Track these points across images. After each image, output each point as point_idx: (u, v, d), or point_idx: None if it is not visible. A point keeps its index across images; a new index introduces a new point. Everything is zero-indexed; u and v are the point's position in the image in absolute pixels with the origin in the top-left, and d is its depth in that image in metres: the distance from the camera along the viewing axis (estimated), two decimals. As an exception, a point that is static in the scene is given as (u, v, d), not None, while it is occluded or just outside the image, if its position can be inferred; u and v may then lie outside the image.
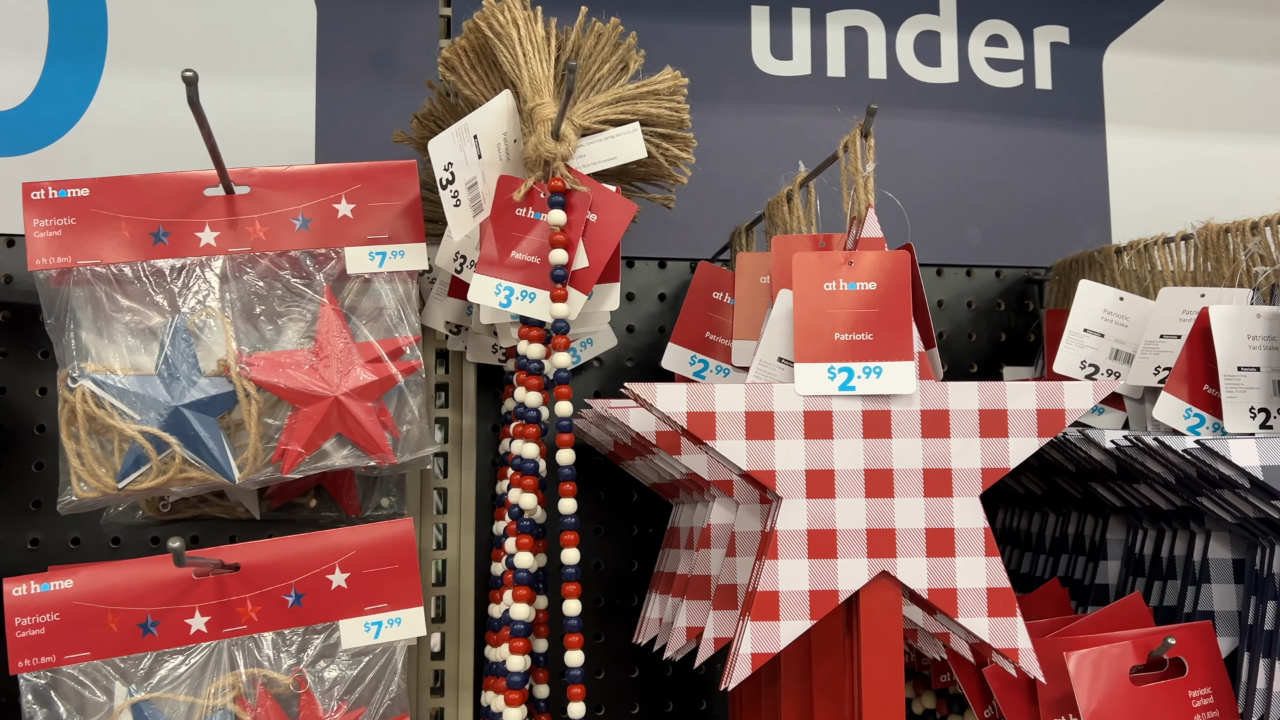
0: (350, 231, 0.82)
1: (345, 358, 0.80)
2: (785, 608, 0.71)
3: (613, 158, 0.81)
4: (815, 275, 0.74)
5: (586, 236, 0.79)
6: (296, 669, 0.78)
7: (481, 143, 0.78)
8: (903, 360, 0.73)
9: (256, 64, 1.05)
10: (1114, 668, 0.75)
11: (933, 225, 1.18)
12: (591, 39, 0.83)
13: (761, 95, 1.15)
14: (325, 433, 0.80)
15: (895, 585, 0.72)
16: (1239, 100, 1.26)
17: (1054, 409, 0.73)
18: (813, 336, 0.73)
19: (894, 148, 1.17)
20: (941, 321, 1.17)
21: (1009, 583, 0.72)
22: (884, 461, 0.72)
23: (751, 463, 0.72)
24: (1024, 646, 0.71)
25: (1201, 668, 0.77)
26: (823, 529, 0.72)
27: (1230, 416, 0.82)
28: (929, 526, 0.72)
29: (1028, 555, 1.07)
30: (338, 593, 0.80)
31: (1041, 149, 1.21)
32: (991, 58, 1.20)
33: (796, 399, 0.73)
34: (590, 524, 1.07)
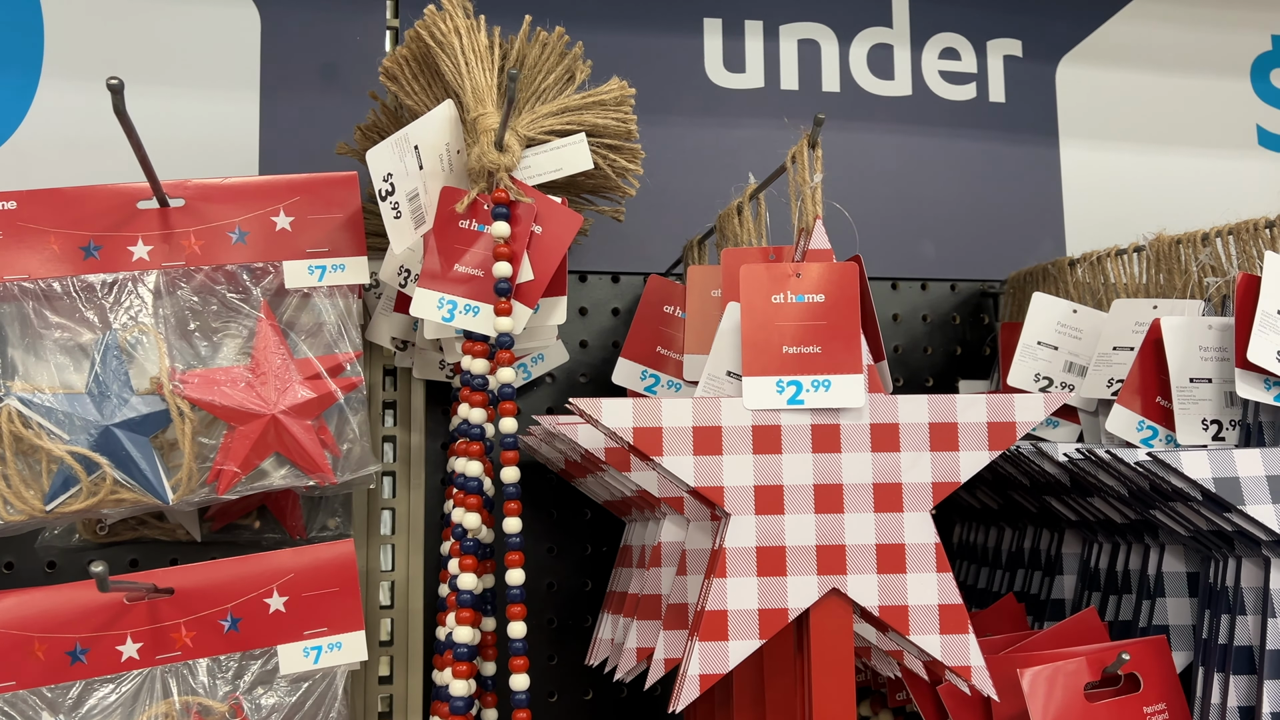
0: (289, 245, 0.80)
1: (283, 375, 0.78)
2: (734, 627, 0.69)
3: (558, 169, 0.79)
4: (763, 287, 0.72)
5: (531, 249, 0.78)
6: (233, 696, 0.76)
7: (423, 153, 0.77)
8: (852, 373, 0.71)
9: (199, 76, 1.03)
10: (1068, 685, 0.74)
11: (887, 238, 1.17)
12: (536, 48, 0.82)
13: (714, 108, 1.14)
14: (262, 452, 0.78)
15: (846, 603, 0.71)
16: (1192, 113, 1.27)
17: (1005, 422, 0.72)
18: (760, 350, 0.72)
19: (847, 161, 1.17)
20: (897, 335, 1.16)
21: (961, 599, 0.71)
22: (833, 476, 0.71)
23: (699, 479, 0.70)
24: (976, 664, 0.70)
25: (1156, 683, 0.76)
26: (772, 546, 0.70)
27: (1183, 429, 0.81)
28: (879, 542, 0.71)
29: (984, 570, 1.06)
30: (276, 617, 0.77)
31: (995, 162, 1.20)
32: (945, 70, 1.20)
33: (745, 413, 0.71)
34: (542, 543, 1.05)
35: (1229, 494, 0.72)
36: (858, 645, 0.85)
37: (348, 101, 1.04)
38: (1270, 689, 0.71)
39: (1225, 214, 1.21)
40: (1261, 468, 0.72)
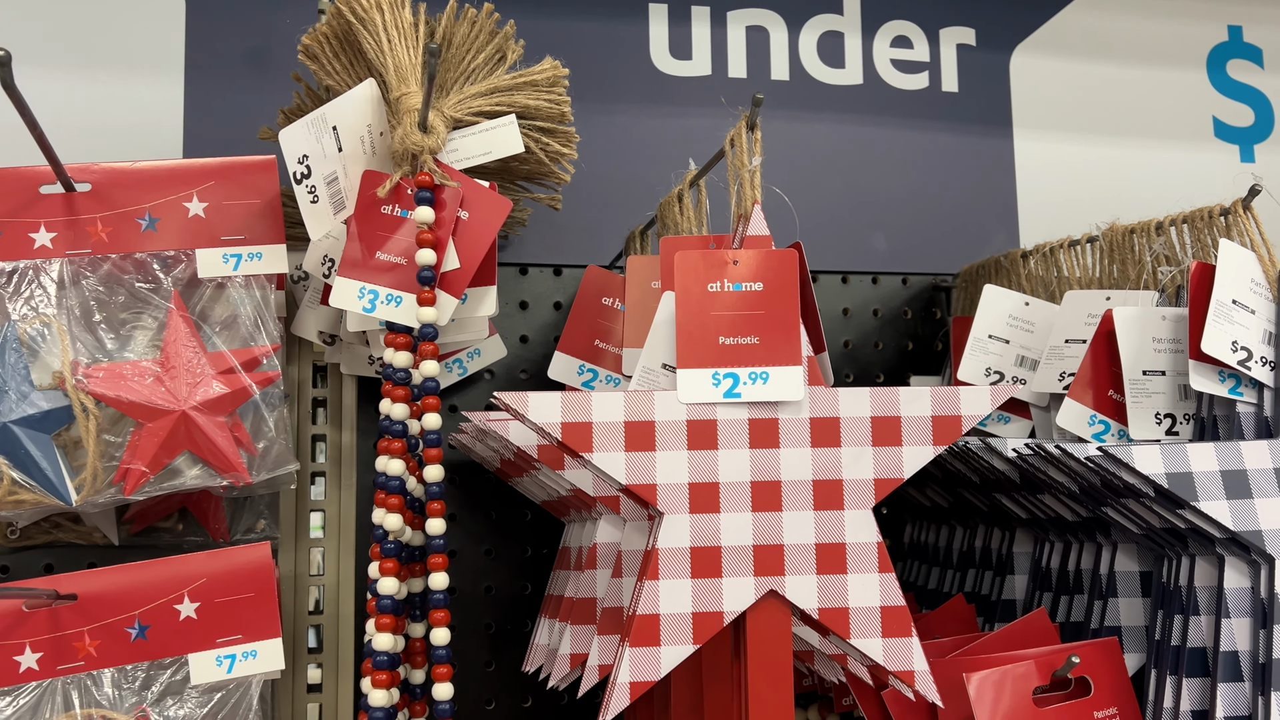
0: (203, 232, 0.76)
1: (194, 369, 0.74)
2: (666, 632, 0.66)
3: (488, 152, 0.76)
4: (698, 275, 0.69)
5: (457, 235, 0.74)
6: (140, 708, 0.72)
7: (342, 134, 0.73)
8: (791, 365, 0.68)
9: (122, 59, 0.98)
10: (1016, 689, 0.71)
11: (837, 231, 1.14)
12: (465, 26, 0.78)
13: (660, 96, 1.11)
14: (172, 450, 0.73)
15: (784, 605, 0.67)
16: (1148, 104, 1.25)
17: (950, 415, 0.69)
18: (696, 340, 0.68)
19: (797, 151, 1.14)
20: (847, 330, 1.13)
21: (904, 600, 0.67)
22: (771, 473, 0.68)
23: (631, 476, 0.67)
24: (920, 668, 0.67)
25: (1107, 686, 0.73)
26: (707, 546, 0.67)
27: (1135, 423, 0.79)
28: (819, 542, 0.68)
29: (935, 570, 1.03)
30: (187, 624, 0.73)
31: (948, 152, 1.18)
32: (897, 59, 1.17)
33: (679, 407, 0.68)
34: (480, 545, 1.02)
35: (1182, 490, 0.69)
36: (801, 649, 0.81)
37: (276, 86, 1.00)
38: (1224, 692, 0.68)
39: (1181, 206, 1.20)
40: (1215, 463, 0.70)
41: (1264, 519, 0.69)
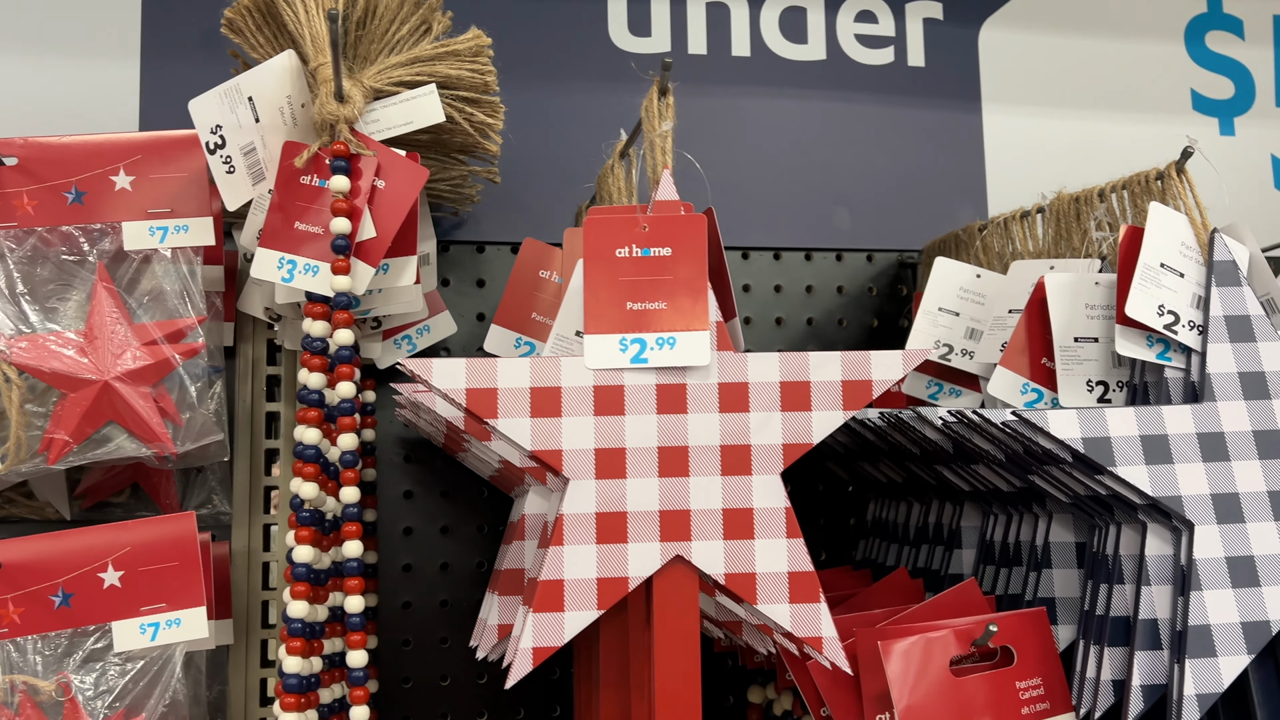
0: (129, 205, 0.77)
1: (118, 340, 0.74)
2: (570, 598, 0.66)
3: (409, 121, 0.76)
4: (607, 241, 0.69)
5: (374, 204, 0.74)
6: (61, 674, 0.72)
7: (259, 105, 0.73)
8: (698, 330, 0.68)
9: (77, 41, 1.00)
10: (933, 658, 0.70)
11: (801, 208, 1.13)
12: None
13: (619, 74, 1.11)
14: (95, 420, 0.74)
15: (691, 571, 0.67)
16: (1124, 77, 1.23)
17: (861, 380, 0.68)
18: (604, 306, 0.68)
19: (759, 127, 1.13)
20: (810, 308, 1.12)
21: (812, 566, 0.67)
22: (679, 438, 0.67)
23: (536, 442, 0.67)
24: (828, 635, 0.66)
25: (1032, 657, 0.72)
26: (612, 512, 0.67)
27: (1065, 390, 0.77)
28: (726, 507, 0.67)
29: (894, 547, 1.02)
30: (110, 592, 0.74)
31: (914, 128, 1.16)
32: (861, 34, 1.16)
33: (586, 373, 0.68)
34: (436, 523, 1.02)
35: (1099, 455, 0.68)
36: (729, 619, 0.81)
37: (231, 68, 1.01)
38: (1141, 660, 0.67)
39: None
40: (1135, 427, 0.68)
41: (1184, 484, 0.68)
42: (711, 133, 1.12)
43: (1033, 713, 0.71)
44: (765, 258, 1.11)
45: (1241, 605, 0.66)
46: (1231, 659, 0.65)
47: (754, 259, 1.11)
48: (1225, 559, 0.67)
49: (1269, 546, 0.67)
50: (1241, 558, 0.67)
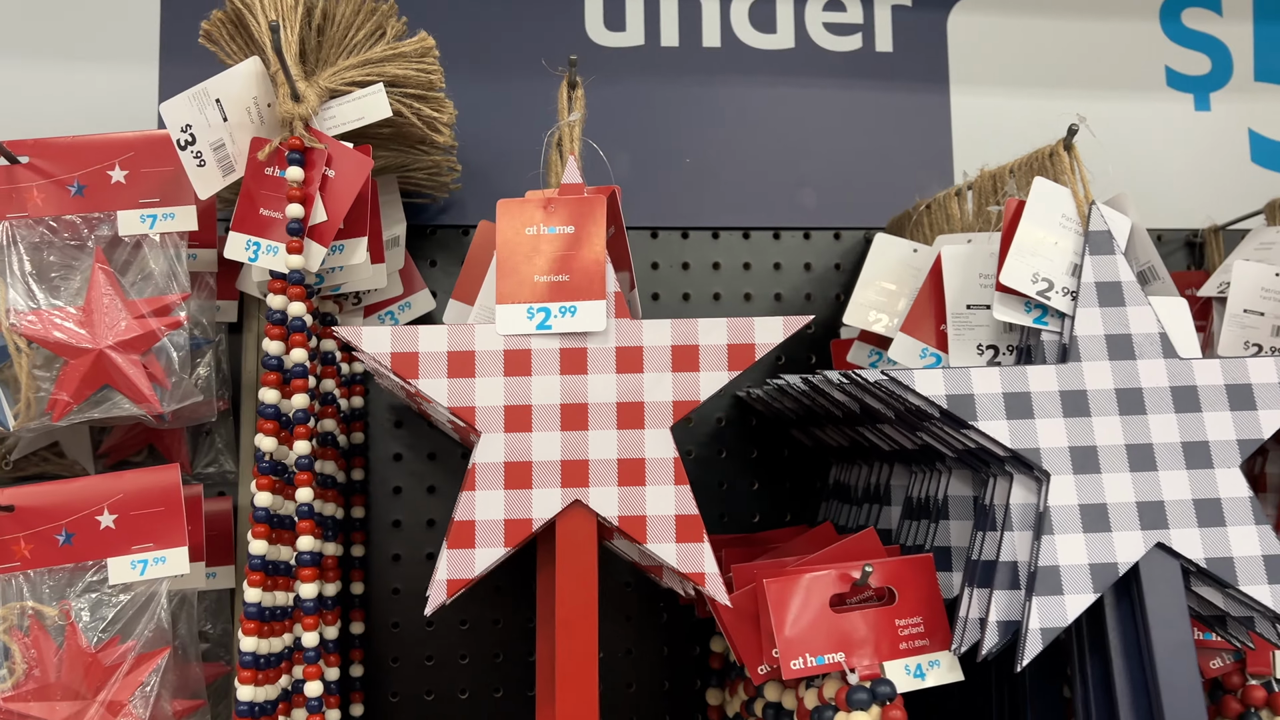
0: (123, 196, 0.88)
1: (112, 314, 0.85)
2: (480, 535, 0.74)
3: (361, 117, 0.85)
4: (517, 220, 0.77)
5: (325, 191, 0.84)
6: (64, 602, 0.84)
7: (226, 106, 0.83)
8: (596, 299, 0.76)
9: (99, 47, 1.11)
10: (814, 595, 0.77)
11: (771, 189, 1.19)
12: (344, 5, 0.88)
13: (595, 67, 1.19)
14: (92, 383, 0.85)
15: (589, 514, 0.75)
16: (1097, 55, 1.26)
17: (745, 344, 0.76)
18: (514, 278, 0.76)
19: (729, 115, 1.19)
20: (779, 283, 1.19)
21: (697, 510, 0.74)
22: (579, 396, 0.75)
23: (453, 400, 0.75)
24: (710, 571, 0.74)
25: (913, 597, 0.79)
26: (519, 461, 0.75)
27: (956, 353, 0.83)
28: (621, 457, 0.75)
29: (845, 507, 1.08)
30: (106, 533, 0.85)
31: (882, 111, 1.22)
32: (829, 22, 1.22)
33: (497, 339, 0.76)
34: (423, 482, 1.11)
35: (962, 410, 0.74)
36: (651, 564, 0.89)
37: (236, 69, 1.11)
38: (999, 598, 0.73)
39: (1129, 155, 1.22)
40: (999, 385, 0.74)
41: (1043, 438, 0.73)
42: (685, 121, 1.19)
43: (911, 648, 0.78)
44: (735, 237, 1.18)
45: (1091, 548, 0.72)
46: (1077, 597, 0.71)
47: (724, 238, 1.18)
48: (1079, 506, 0.72)
49: (1122, 495, 0.72)
50: (1095, 505, 0.72)
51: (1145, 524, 0.72)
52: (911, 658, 0.77)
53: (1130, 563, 0.71)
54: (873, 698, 0.75)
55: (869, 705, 0.74)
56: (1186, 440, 0.73)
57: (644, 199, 1.17)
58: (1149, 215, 1.24)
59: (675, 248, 1.17)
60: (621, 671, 1.12)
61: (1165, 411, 0.74)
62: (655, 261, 1.17)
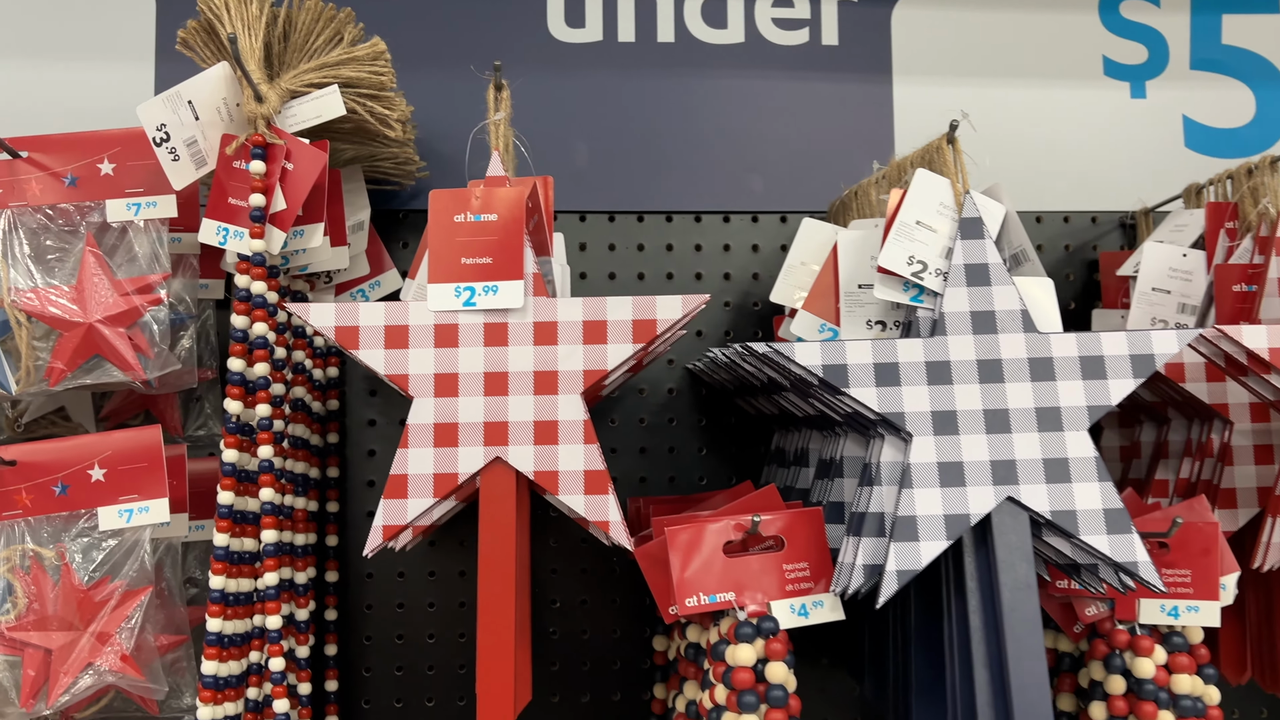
0: (111, 186, 0.98)
1: (101, 292, 0.96)
2: (413, 487, 0.85)
3: (318, 115, 0.95)
4: (447, 209, 0.87)
5: (285, 182, 0.94)
6: (60, 545, 0.95)
7: (198, 107, 0.93)
8: (515, 280, 0.85)
9: (97, 47, 1.22)
10: (709, 542, 0.86)
11: (723, 176, 1.28)
12: (304, 14, 0.97)
13: (557, 63, 1.28)
14: (84, 353, 0.96)
15: (509, 469, 0.85)
16: (1034, 45, 1.33)
17: (648, 319, 0.85)
18: (443, 261, 0.86)
19: (682, 107, 1.28)
20: (728, 264, 1.27)
21: (604, 466, 0.84)
22: (501, 365, 0.85)
23: (388, 368, 0.85)
24: (614, 520, 0.84)
25: (800, 545, 0.88)
26: (447, 422, 0.85)
27: (847, 328, 0.92)
28: (537, 419, 0.85)
29: (780, 470, 1.17)
30: (97, 485, 0.96)
31: (827, 102, 1.30)
32: (778, 18, 1.30)
33: (429, 314, 0.86)
34: (395, 445, 1.21)
35: (836, 379, 0.83)
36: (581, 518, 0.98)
37: (226, 67, 1.22)
38: (866, 544, 0.82)
39: (1065, 142, 1.29)
40: (870, 356, 0.83)
41: (908, 403, 0.82)
42: (641, 112, 1.28)
43: (797, 589, 0.87)
44: (687, 220, 1.27)
45: (946, 501, 0.80)
46: (931, 543, 0.79)
47: (677, 221, 1.27)
48: (937, 464, 0.81)
49: (977, 454, 0.81)
50: (952, 463, 0.81)
51: (997, 480, 0.81)
52: (797, 598, 0.86)
53: (982, 514, 0.80)
54: (757, 632, 0.84)
55: (753, 639, 0.84)
56: (1040, 406, 0.82)
57: (602, 185, 1.26)
58: (1086, 198, 1.31)
59: (631, 230, 1.27)
60: (577, 619, 1.22)
61: (1022, 380, 0.82)
62: (612, 243, 1.26)
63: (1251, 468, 1.01)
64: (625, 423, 1.24)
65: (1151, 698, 0.88)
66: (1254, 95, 1.34)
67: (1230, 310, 1.03)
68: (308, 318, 0.85)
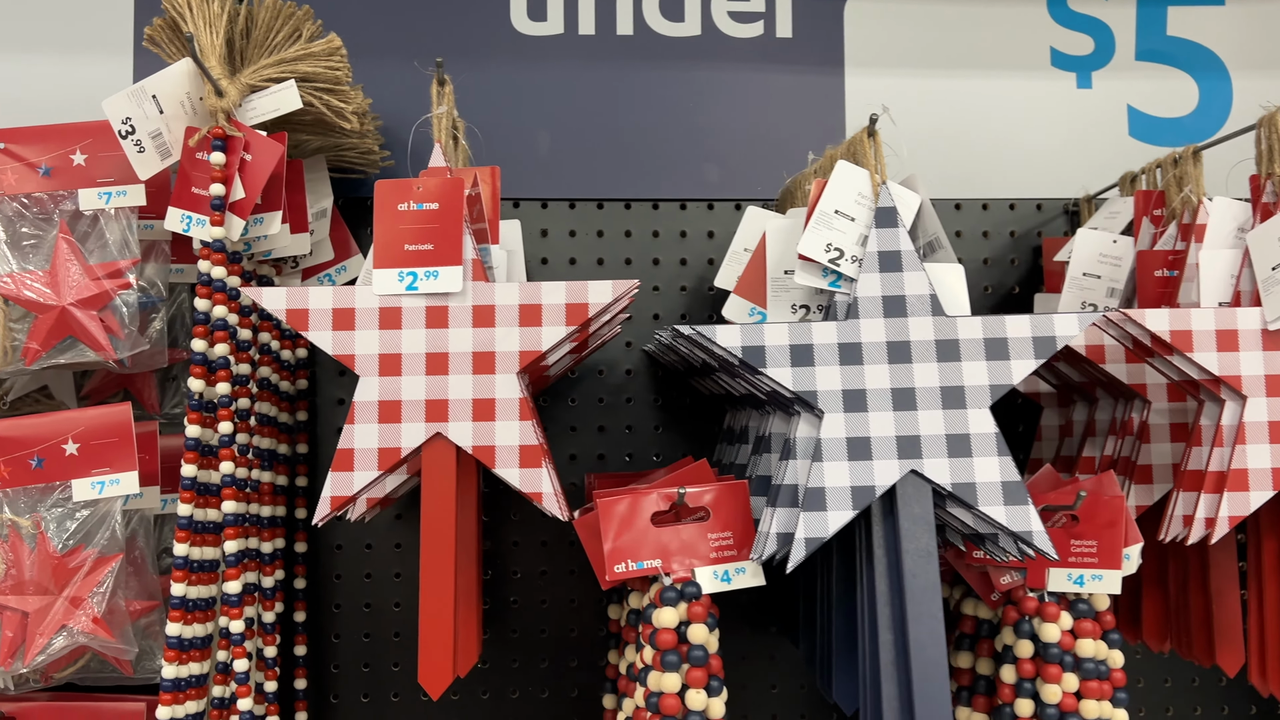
0: (84, 176, 1.04)
1: (73, 276, 1.02)
2: (358, 461, 0.90)
3: (276, 109, 1.00)
4: (392, 198, 0.92)
5: (243, 173, 0.99)
6: (36, 515, 1.01)
7: (162, 101, 0.99)
8: (455, 265, 0.91)
9: (75, 41, 1.27)
10: (639, 513, 0.92)
11: (681, 164, 1.33)
12: (264, 11, 1.03)
13: (520, 55, 1.33)
14: (58, 334, 1.02)
15: (449, 444, 0.90)
16: (983, 37, 1.37)
17: (580, 303, 0.90)
18: (388, 247, 0.92)
19: (641, 97, 1.33)
20: (684, 250, 1.32)
21: (539, 440, 0.89)
22: (441, 346, 0.91)
23: (336, 348, 0.91)
24: (546, 491, 0.89)
25: (725, 516, 0.93)
26: (390, 400, 0.91)
27: (773, 311, 0.97)
28: (475, 397, 0.90)
29: (727, 447, 1.23)
30: (70, 458, 1.02)
31: (781, 93, 1.34)
32: (734, 11, 1.35)
33: (374, 298, 0.91)
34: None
35: (754, 359, 0.88)
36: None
37: (200, 61, 1.27)
38: (780, 514, 0.87)
39: (1012, 131, 1.33)
40: (786, 339, 0.88)
41: (820, 382, 0.87)
42: (601, 103, 1.33)
43: (720, 557, 0.92)
44: (645, 207, 1.32)
45: (853, 474, 0.86)
46: (838, 513, 0.85)
47: (635, 208, 1.32)
48: (846, 439, 0.86)
49: (883, 430, 0.86)
50: (860, 438, 0.86)
51: (902, 454, 0.86)
52: (720, 565, 0.92)
53: (886, 486, 0.85)
54: (680, 596, 0.90)
55: (677, 602, 0.90)
56: (945, 385, 0.87)
57: (564, 173, 1.32)
58: (1032, 186, 1.36)
59: (591, 217, 1.32)
60: (537, 589, 1.28)
61: (929, 361, 0.87)
62: (573, 230, 1.31)
63: (1167, 445, 1.06)
64: (584, 402, 1.30)
65: (1056, 660, 0.94)
66: (1197, 85, 1.38)
67: (1152, 295, 1.08)
68: (261, 301, 0.91)
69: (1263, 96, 1.38)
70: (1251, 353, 0.92)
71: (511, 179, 1.31)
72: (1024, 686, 0.96)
